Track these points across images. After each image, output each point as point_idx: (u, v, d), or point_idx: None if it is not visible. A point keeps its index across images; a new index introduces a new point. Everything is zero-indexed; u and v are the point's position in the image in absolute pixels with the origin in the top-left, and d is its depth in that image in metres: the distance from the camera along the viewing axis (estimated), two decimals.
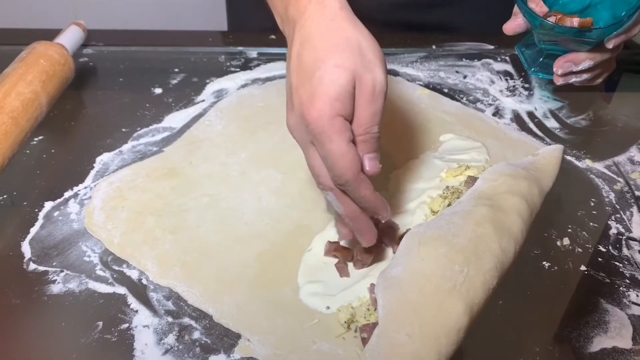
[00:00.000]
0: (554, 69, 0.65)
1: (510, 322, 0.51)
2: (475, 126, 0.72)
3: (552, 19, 0.61)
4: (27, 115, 0.64)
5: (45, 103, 0.68)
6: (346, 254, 0.54)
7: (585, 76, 0.65)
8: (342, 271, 0.53)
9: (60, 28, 0.80)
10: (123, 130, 0.70)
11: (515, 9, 0.65)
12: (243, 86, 0.79)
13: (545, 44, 0.66)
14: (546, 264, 0.56)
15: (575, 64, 0.63)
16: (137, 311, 0.50)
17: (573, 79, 0.65)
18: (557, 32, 0.61)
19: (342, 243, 0.55)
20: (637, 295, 0.53)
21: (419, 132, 0.65)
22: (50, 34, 0.77)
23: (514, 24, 0.65)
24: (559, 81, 0.66)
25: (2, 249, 0.56)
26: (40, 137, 0.69)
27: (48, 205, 0.60)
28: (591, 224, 0.61)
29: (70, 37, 0.78)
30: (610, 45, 0.61)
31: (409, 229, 0.55)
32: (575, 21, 0.60)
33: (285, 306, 0.51)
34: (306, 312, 0.50)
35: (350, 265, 0.54)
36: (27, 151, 0.67)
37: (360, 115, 0.48)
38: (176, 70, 0.81)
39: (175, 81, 0.79)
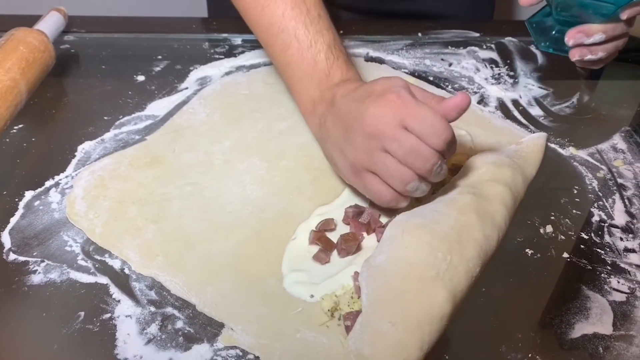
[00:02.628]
0: (566, 40, 0.64)
1: (493, 309, 0.51)
2: None
3: None
4: (6, 104, 0.63)
5: (24, 91, 0.66)
6: (328, 244, 0.54)
7: (600, 53, 0.65)
8: (322, 260, 0.53)
9: (40, 14, 0.79)
10: (105, 118, 0.69)
11: None
12: (227, 74, 0.78)
13: (561, 13, 0.65)
14: (529, 252, 0.56)
15: (587, 36, 0.63)
16: (119, 301, 0.50)
17: (588, 56, 0.65)
18: None
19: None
20: (618, 282, 0.54)
21: None
22: (29, 20, 0.75)
23: None
24: (575, 56, 0.66)
25: None
26: (20, 126, 0.67)
27: (28, 194, 0.59)
28: (574, 211, 0.61)
29: (51, 24, 0.77)
30: (625, 16, 0.61)
31: (393, 217, 0.56)
32: None
33: (269, 295, 0.51)
34: (290, 301, 0.50)
35: (334, 253, 0.54)
36: (7, 140, 0.66)
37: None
38: (159, 57, 0.80)
39: (158, 68, 0.78)
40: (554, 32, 0.68)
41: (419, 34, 0.88)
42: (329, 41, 0.62)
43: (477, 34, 0.89)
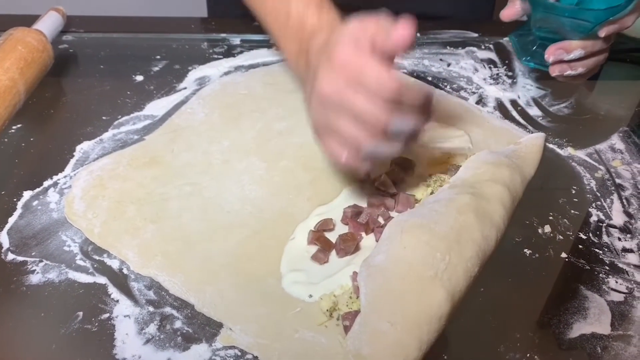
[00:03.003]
0: (546, 56, 0.65)
1: (492, 309, 0.51)
2: (458, 114, 0.72)
3: None
4: (5, 103, 0.63)
5: (23, 91, 0.66)
6: (326, 244, 0.54)
7: (580, 69, 0.65)
8: (320, 261, 0.53)
9: (38, 14, 0.78)
10: (104, 118, 0.69)
11: None
12: (226, 73, 0.78)
13: (541, 29, 0.66)
14: (527, 252, 0.56)
15: (566, 52, 0.64)
16: (117, 301, 0.50)
17: (568, 71, 0.66)
18: (556, 13, 0.62)
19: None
20: (617, 282, 0.54)
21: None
22: (28, 20, 0.75)
23: (512, 10, 0.66)
24: (555, 72, 0.66)
25: None
26: (19, 126, 0.67)
27: (27, 194, 0.59)
28: (572, 211, 0.61)
29: (49, 23, 0.77)
30: (602, 33, 0.62)
31: (392, 217, 0.56)
32: None
33: (268, 295, 0.51)
34: (289, 301, 0.50)
35: (333, 253, 0.54)
36: (5, 140, 0.65)
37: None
38: (158, 57, 0.80)
39: (156, 68, 0.78)
40: (534, 47, 0.69)
41: (418, 34, 0.88)
42: None
43: (476, 34, 0.89)
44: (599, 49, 0.65)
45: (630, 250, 0.57)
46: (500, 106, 0.76)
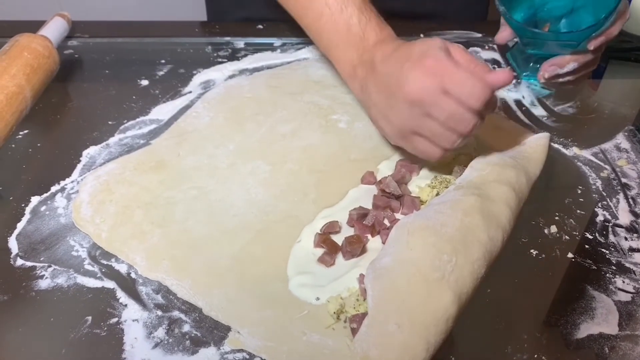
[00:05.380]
0: (540, 74, 0.68)
1: (499, 310, 0.51)
2: None
3: None
4: (12, 109, 0.63)
5: (30, 96, 0.67)
6: (333, 247, 0.54)
7: (568, 77, 0.68)
8: (327, 263, 0.53)
9: (44, 20, 0.79)
10: (110, 123, 0.70)
11: (502, 19, 0.69)
12: (230, 77, 0.78)
13: (532, 49, 0.69)
14: (534, 252, 0.56)
15: (560, 67, 0.67)
16: (126, 305, 0.50)
17: (559, 80, 0.69)
18: (541, 38, 0.65)
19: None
20: (623, 282, 0.54)
21: None
22: (33, 26, 0.76)
23: (504, 34, 0.70)
24: (543, 80, 0.69)
25: None
26: (26, 131, 0.68)
27: (35, 199, 0.59)
28: (578, 211, 0.61)
29: (55, 29, 0.77)
30: (591, 47, 0.64)
31: (398, 219, 0.56)
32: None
33: (275, 298, 0.51)
34: (296, 304, 0.50)
35: (339, 256, 0.54)
36: (13, 145, 0.66)
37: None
38: (162, 61, 0.81)
39: (161, 73, 0.79)
40: (531, 64, 0.71)
41: (421, 35, 0.88)
42: (359, 4, 0.64)
43: (479, 35, 0.89)
44: (591, 59, 0.67)
45: (637, 250, 0.57)
46: (504, 106, 0.76)
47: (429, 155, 0.57)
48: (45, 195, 0.60)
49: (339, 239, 0.55)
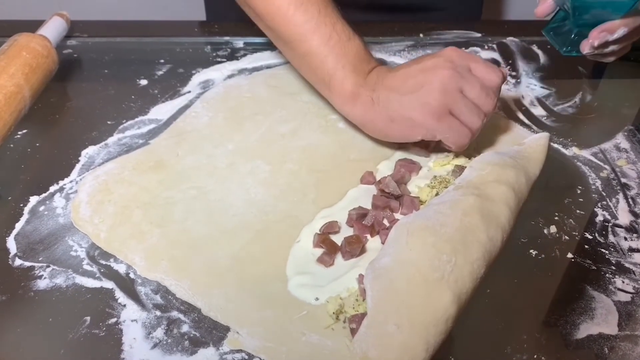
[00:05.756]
0: (590, 41, 0.65)
1: (498, 310, 0.51)
2: None
3: None
4: (11, 109, 0.63)
5: (28, 96, 0.67)
6: (332, 247, 0.54)
7: (613, 47, 0.68)
8: (326, 263, 0.53)
9: (42, 19, 0.79)
10: (108, 122, 0.70)
11: None
12: (229, 77, 0.78)
13: (577, 19, 0.66)
14: (533, 252, 0.56)
15: (610, 33, 0.65)
16: (125, 305, 0.50)
17: (605, 51, 0.68)
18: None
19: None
20: (623, 282, 0.54)
21: None
22: (32, 26, 0.76)
23: (544, 7, 0.69)
24: (591, 51, 0.67)
25: None
26: (25, 131, 0.68)
27: (33, 199, 0.59)
28: (578, 211, 0.61)
29: (53, 29, 0.77)
30: None
31: (397, 219, 0.56)
32: None
33: (274, 298, 0.51)
34: (295, 304, 0.50)
35: (338, 256, 0.54)
36: (11, 145, 0.66)
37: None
38: (162, 61, 0.80)
39: (160, 72, 0.79)
40: (573, 36, 0.69)
41: (421, 35, 0.88)
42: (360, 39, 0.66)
43: (479, 34, 0.89)
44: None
45: (637, 250, 0.57)
46: (504, 106, 0.75)
47: (463, 134, 0.60)
48: (43, 195, 0.60)
49: (338, 239, 0.55)
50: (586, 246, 0.57)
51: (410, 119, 0.60)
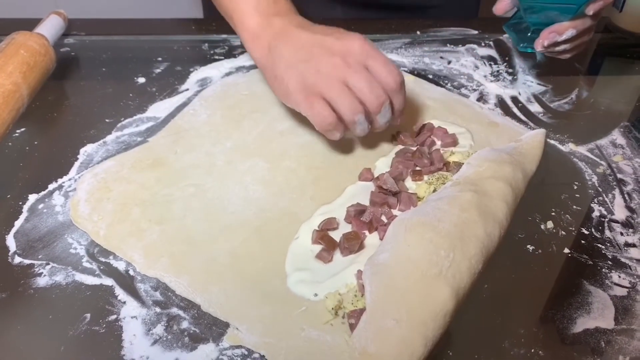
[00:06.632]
0: (540, 41, 0.69)
1: (496, 305, 0.52)
2: (459, 112, 0.72)
3: None
4: (8, 108, 0.63)
5: (26, 94, 0.67)
6: (330, 243, 0.54)
7: (565, 46, 0.70)
8: (324, 259, 0.53)
9: (40, 17, 0.79)
10: (107, 120, 0.70)
11: None
12: (227, 74, 0.78)
13: (531, 17, 0.70)
14: (530, 248, 0.57)
15: (559, 34, 0.68)
16: (124, 302, 0.50)
17: (556, 49, 0.71)
18: (540, 2, 0.66)
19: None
20: (619, 277, 0.54)
21: (403, 118, 0.65)
22: (29, 24, 0.76)
23: (503, 4, 0.71)
24: (542, 50, 0.70)
25: None
26: (23, 129, 0.68)
27: (32, 197, 0.59)
28: (574, 207, 0.61)
29: (51, 27, 0.77)
30: (590, 11, 0.66)
31: (395, 215, 0.56)
32: None
33: (273, 294, 0.51)
34: (294, 300, 0.50)
35: (337, 252, 0.54)
36: (10, 144, 0.66)
37: None
38: (159, 59, 0.81)
39: (158, 70, 0.79)
40: (529, 34, 0.73)
41: (418, 32, 0.88)
42: None
43: (476, 32, 0.89)
44: (589, 25, 0.69)
45: (633, 245, 0.57)
46: (501, 103, 0.76)
47: (322, 119, 0.58)
48: (42, 193, 0.60)
49: (336, 235, 0.55)
50: (583, 241, 0.58)
51: (287, 85, 0.61)
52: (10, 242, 0.55)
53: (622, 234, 0.59)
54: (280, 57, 0.61)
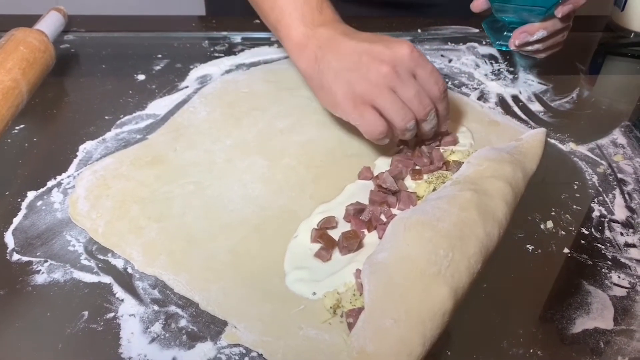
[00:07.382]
0: (511, 41, 0.71)
1: (495, 305, 0.51)
2: (460, 110, 0.72)
3: None
4: (8, 104, 0.63)
5: (25, 91, 0.67)
6: (329, 242, 0.54)
7: (537, 46, 0.72)
8: (323, 258, 0.53)
9: (39, 14, 0.79)
10: (106, 117, 0.70)
11: None
12: (227, 72, 0.78)
13: (503, 16, 0.72)
14: (530, 247, 0.56)
15: (530, 34, 0.70)
16: (122, 300, 0.50)
17: (527, 48, 0.73)
18: (509, 3, 0.69)
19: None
20: (619, 277, 0.54)
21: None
22: (29, 20, 0.76)
23: (479, 3, 0.73)
24: (515, 49, 0.73)
25: None
26: (22, 126, 0.68)
27: (31, 194, 0.59)
28: (574, 206, 0.61)
29: (50, 23, 0.77)
30: (559, 14, 0.68)
31: (394, 214, 0.56)
32: None
33: (272, 293, 0.51)
34: (292, 299, 0.50)
35: (336, 251, 0.54)
36: (9, 140, 0.66)
37: None
38: (159, 56, 0.80)
39: (158, 67, 0.78)
40: (505, 32, 0.74)
41: (419, 30, 0.88)
42: None
43: (477, 30, 0.89)
44: (561, 27, 0.71)
45: (633, 245, 0.57)
46: (501, 102, 0.76)
47: (374, 127, 0.59)
48: (41, 190, 0.60)
49: (335, 234, 0.55)
50: (582, 241, 0.58)
51: (335, 94, 0.60)
52: (9, 239, 0.55)
53: (622, 234, 0.59)
54: (327, 66, 0.61)
